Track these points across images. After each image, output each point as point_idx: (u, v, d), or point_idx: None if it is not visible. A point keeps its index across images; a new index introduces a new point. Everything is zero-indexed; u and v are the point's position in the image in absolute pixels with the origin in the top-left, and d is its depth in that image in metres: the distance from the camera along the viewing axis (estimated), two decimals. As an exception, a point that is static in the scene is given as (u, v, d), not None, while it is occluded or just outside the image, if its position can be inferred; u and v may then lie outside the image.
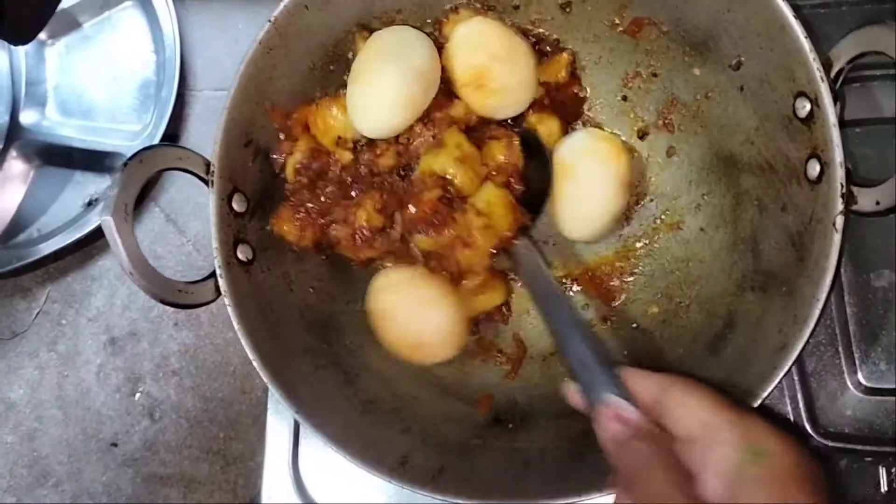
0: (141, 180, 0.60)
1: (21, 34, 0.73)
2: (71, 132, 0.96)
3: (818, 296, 0.56)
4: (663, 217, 0.76)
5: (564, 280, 0.78)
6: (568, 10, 0.74)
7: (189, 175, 0.89)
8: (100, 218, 0.57)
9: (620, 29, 0.74)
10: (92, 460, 0.90)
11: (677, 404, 0.52)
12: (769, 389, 0.57)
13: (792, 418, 0.73)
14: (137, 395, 0.91)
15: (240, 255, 0.66)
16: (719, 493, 0.47)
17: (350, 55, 0.72)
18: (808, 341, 0.57)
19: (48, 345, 0.93)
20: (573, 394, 0.59)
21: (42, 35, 0.97)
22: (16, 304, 0.95)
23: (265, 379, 0.62)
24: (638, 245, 0.77)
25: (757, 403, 0.57)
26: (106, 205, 0.57)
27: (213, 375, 0.90)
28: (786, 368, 0.57)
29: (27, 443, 0.91)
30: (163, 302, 0.60)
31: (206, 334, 0.91)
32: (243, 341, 0.62)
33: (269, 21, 0.65)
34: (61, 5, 0.90)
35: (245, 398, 0.89)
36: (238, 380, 0.90)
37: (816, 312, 0.56)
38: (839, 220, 0.56)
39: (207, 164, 0.65)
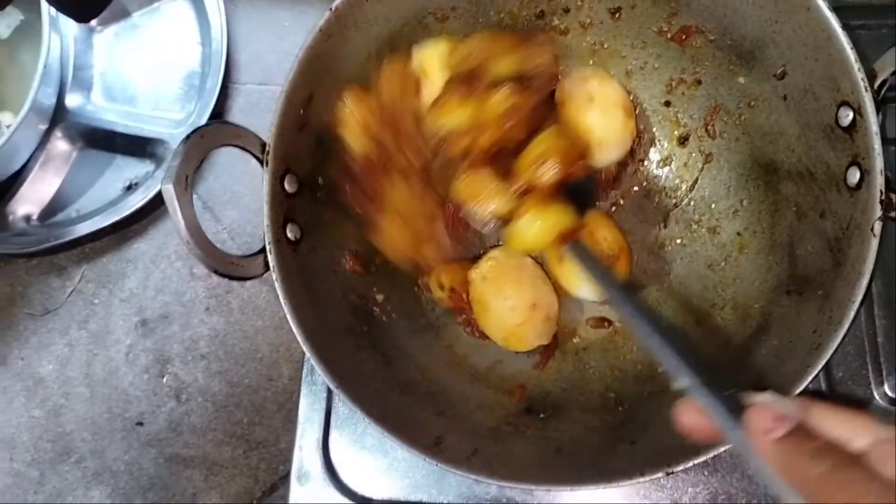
0: (201, 153, 0.61)
1: (85, 11, 0.76)
2: (114, 117, 0.97)
3: (854, 298, 0.58)
4: (701, 220, 0.78)
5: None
6: (617, 15, 0.76)
7: (226, 165, 0.92)
8: (161, 186, 0.58)
9: (668, 36, 0.75)
10: (116, 438, 0.90)
11: (824, 419, 0.42)
12: (802, 387, 0.58)
13: None
14: (165, 377, 0.91)
15: (289, 234, 0.67)
16: None
17: (407, 48, 0.74)
18: (840, 343, 0.58)
19: (80, 323, 0.94)
20: (690, 413, 0.49)
21: (92, 22, 0.98)
22: (51, 281, 0.96)
23: (308, 352, 0.63)
24: (674, 246, 0.78)
25: None
26: (167, 174, 0.58)
27: (241, 361, 0.91)
28: (819, 367, 0.58)
29: (53, 418, 0.92)
30: (215, 272, 0.61)
31: (237, 321, 0.92)
32: (289, 315, 0.63)
33: (330, 9, 0.67)
34: None
35: (271, 385, 0.90)
36: (265, 367, 0.90)
37: (852, 314, 0.57)
38: (877, 225, 0.58)
39: (263, 144, 0.66)
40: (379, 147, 0.70)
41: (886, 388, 0.75)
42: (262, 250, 0.65)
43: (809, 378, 0.58)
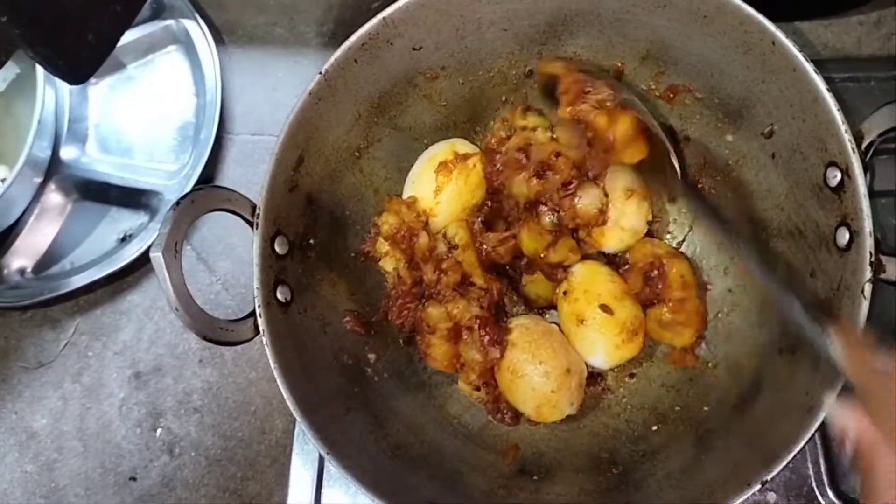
0: (191, 219, 0.62)
1: (77, 75, 0.76)
2: (109, 169, 0.97)
3: None
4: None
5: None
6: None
7: (220, 216, 0.91)
8: (151, 254, 0.58)
9: (656, 94, 0.76)
10: (109, 494, 0.90)
11: None
12: (795, 451, 0.58)
13: (814, 483, 0.74)
14: (158, 430, 0.91)
15: (279, 296, 0.67)
16: None
17: (395, 110, 0.76)
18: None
19: (73, 376, 0.94)
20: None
21: None
22: (44, 334, 0.96)
23: (298, 418, 0.63)
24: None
25: (782, 465, 0.58)
26: (157, 242, 0.58)
27: (234, 415, 0.90)
28: (812, 430, 0.57)
29: (46, 473, 0.91)
30: (205, 338, 0.61)
31: (230, 373, 0.92)
32: (279, 380, 0.63)
33: (320, 73, 0.67)
34: None
35: (264, 439, 0.89)
36: (258, 420, 0.90)
37: (843, 378, 0.57)
38: (867, 288, 0.58)
39: (254, 207, 0.66)
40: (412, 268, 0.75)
41: None
42: (252, 313, 0.65)
43: (803, 441, 0.58)
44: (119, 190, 0.97)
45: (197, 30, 0.98)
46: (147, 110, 1.01)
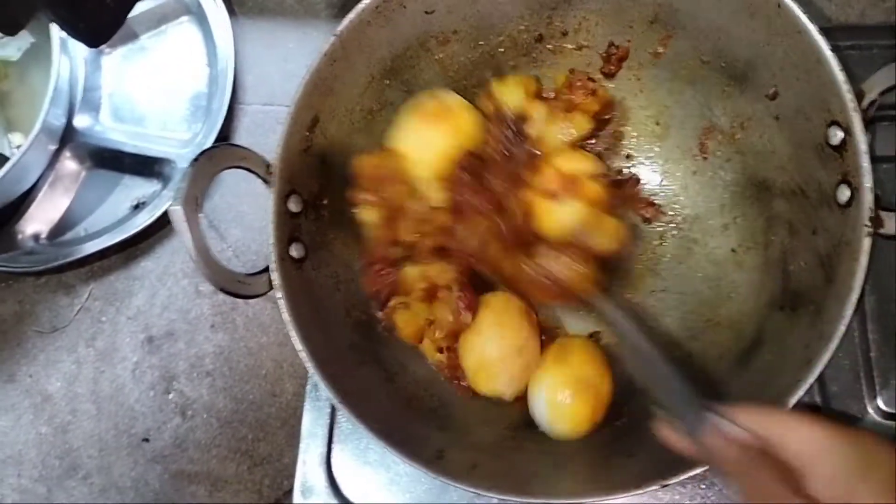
0: (209, 175, 0.63)
1: (96, 38, 0.78)
2: (122, 137, 0.98)
3: (843, 313, 0.59)
4: (696, 237, 0.79)
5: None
6: (613, 40, 0.78)
7: (232, 185, 0.93)
8: (169, 207, 0.59)
9: (663, 59, 0.77)
10: (122, 455, 0.91)
11: (784, 428, 0.51)
12: (793, 401, 0.59)
13: None
14: (171, 393, 0.92)
15: (293, 253, 0.68)
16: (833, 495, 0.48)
17: (407, 74, 0.77)
18: (832, 358, 0.59)
19: (87, 340, 0.95)
20: (665, 428, 0.58)
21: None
22: (58, 299, 0.97)
23: (311, 369, 0.64)
24: (671, 263, 0.80)
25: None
26: (176, 195, 0.59)
27: (245, 378, 0.92)
28: (809, 381, 0.59)
29: (60, 435, 0.93)
30: (223, 290, 0.62)
31: (241, 337, 0.93)
32: (292, 332, 0.64)
33: (335, 34, 0.68)
34: None
35: (275, 401, 0.90)
36: (269, 383, 0.91)
37: (842, 329, 0.58)
38: (866, 242, 0.59)
39: (268, 165, 0.67)
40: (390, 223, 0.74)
41: (880, 401, 0.76)
42: (267, 269, 0.66)
43: (800, 392, 0.59)
44: (132, 158, 0.98)
45: (209, 1, 0.99)
46: (160, 80, 1.01)
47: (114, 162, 0.99)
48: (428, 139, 0.74)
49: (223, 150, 0.65)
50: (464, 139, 0.74)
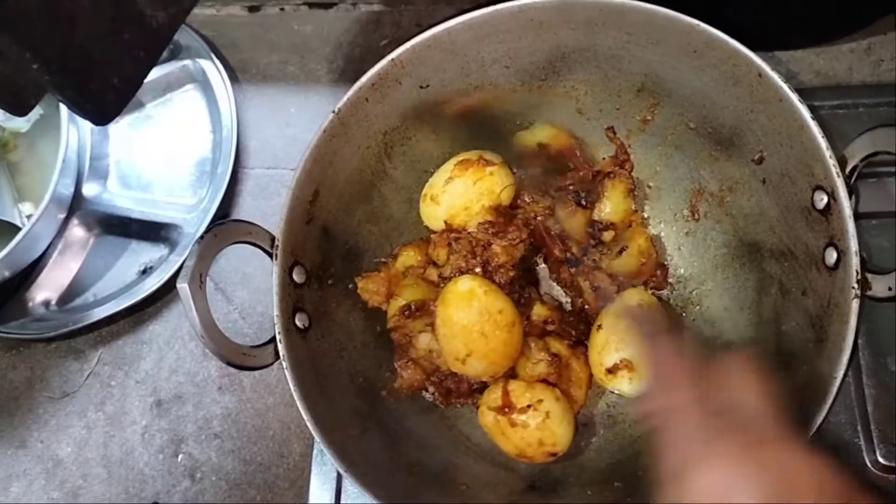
0: (215, 251, 0.65)
1: (102, 116, 0.79)
2: (129, 204, 0.99)
3: (835, 374, 0.60)
4: (691, 298, 0.80)
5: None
6: (603, 106, 0.80)
7: (237, 248, 0.94)
8: (177, 285, 0.61)
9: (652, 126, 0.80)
10: (132, 519, 0.90)
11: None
12: None
13: None
14: (180, 456, 0.92)
15: (297, 323, 0.70)
16: None
17: (405, 145, 0.79)
18: (826, 418, 0.60)
19: (97, 405, 0.95)
20: None
21: None
22: (69, 365, 0.97)
23: (317, 437, 0.65)
24: None
25: None
26: (183, 273, 0.61)
27: (253, 439, 0.91)
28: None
29: (72, 499, 0.92)
30: (229, 364, 0.64)
31: (248, 399, 0.93)
32: (298, 402, 0.65)
33: (334, 112, 0.70)
34: None
35: (283, 462, 0.90)
36: (277, 444, 0.91)
37: (834, 390, 0.60)
38: (854, 304, 0.60)
39: (273, 239, 0.69)
40: None
41: (878, 455, 0.76)
42: (273, 340, 0.67)
43: None
44: (139, 224, 0.98)
45: (213, 69, 1.00)
46: (165, 147, 1.02)
47: (121, 228, 0.99)
48: (458, 182, 0.78)
49: (229, 227, 0.67)
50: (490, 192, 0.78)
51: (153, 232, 0.99)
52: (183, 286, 0.60)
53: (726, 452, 0.47)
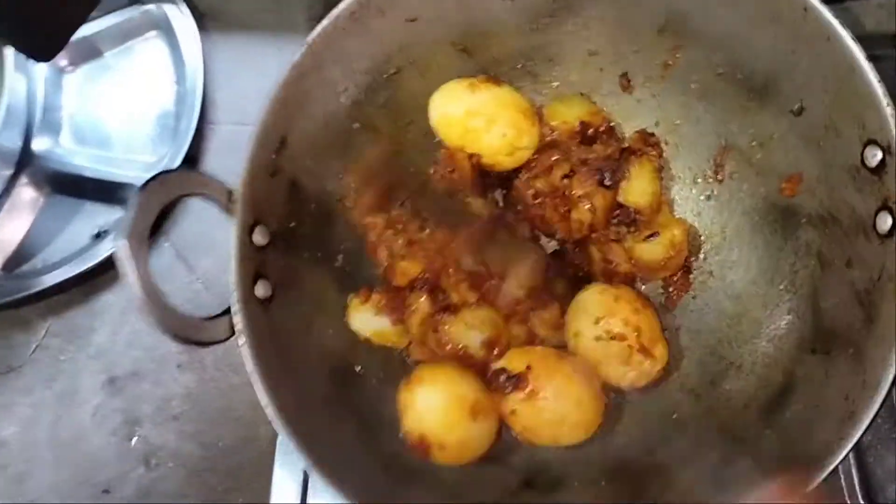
0: (159, 204, 0.57)
1: (43, 51, 0.72)
2: (84, 161, 0.94)
3: (890, 359, 0.53)
4: (713, 270, 0.74)
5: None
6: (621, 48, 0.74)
7: (202, 210, 0.88)
8: (113, 242, 0.53)
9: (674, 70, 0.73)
10: (81, 508, 0.85)
11: None
12: (836, 462, 0.53)
13: (846, 496, 0.69)
14: (134, 439, 0.87)
15: (258, 292, 0.63)
16: None
17: (389, 88, 0.72)
18: (878, 412, 0.53)
19: (45, 381, 0.90)
20: None
21: (61, 62, 0.97)
22: (14, 336, 0.92)
23: (279, 428, 0.58)
24: (685, 299, 0.75)
25: (818, 480, 0.53)
26: (120, 228, 0.53)
27: (216, 422, 0.87)
28: (855, 439, 0.53)
29: (15, 486, 0.87)
30: (174, 338, 0.56)
31: (211, 378, 0.88)
32: (257, 386, 0.59)
33: (305, 44, 0.63)
34: (83, 33, 0.90)
35: (249, 447, 0.85)
36: (242, 427, 0.86)
37: (890, 377, 0.53)
38: (914, 278, 0.53)
39: (230, 193, 0.62)
40: None
41: None
42: (228, 311, 0.60)
43: (844, 452, 0.53)
44: (94, 183, 0.94)
45: (178, 15, 0.95)
46: (125, 99, 0.98)
47: (75, 187, 0.95)
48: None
49: (178, 176, 0.60)
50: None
51: (109, 192, 0.94)
52: (122, 243, 0.53)
53: None
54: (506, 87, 0.72)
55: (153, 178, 0.57)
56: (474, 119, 0.71)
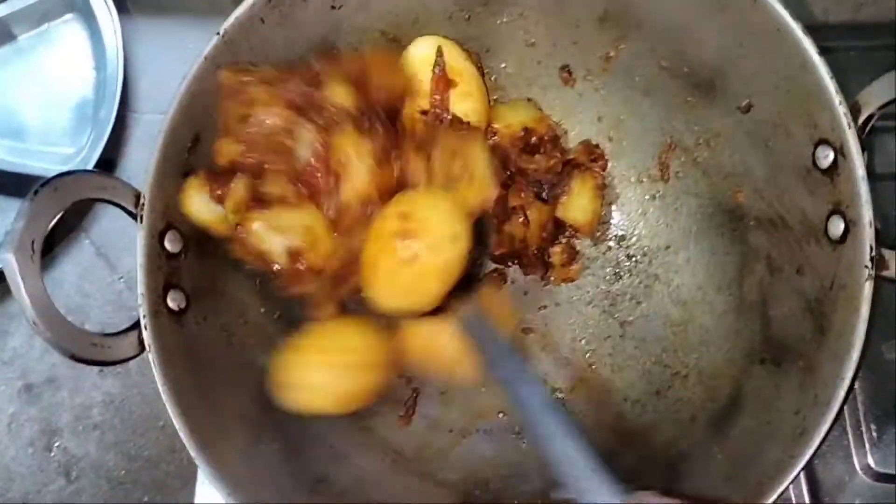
0: (54, 212, 0.52)
1: None
2: None
3: (843, 374, 0.51)
4: (657, 274, 0.73)
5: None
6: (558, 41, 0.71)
7: (123, 203, 0.84)
8: (0, 255, 0.48)
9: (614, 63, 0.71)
10: (-5, 525, 0.83)
11: None
12: (786, 483, 0.51)
13: None
14: (53, 450, 0.84)
15: (170, 303, 0.59)
16: None
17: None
18: (830, 429, 0.51)
19: None
20: None
21: None
22: None
23: (193, 453, 0.54)
24: (628, 304, 0.73)
25: (772, 499, 0.51)
26: (8, 239, 0.49)
27: (140, 431, 0.84)
28: (806, 458, 0.51)
29: None
30: (73, 358, 0.52)
31: (135, 384, 0.85)
32: (168, 406, 0.55)
33: (218, 33, 0.60)
34: None
35: (174, 458, 0.82)
36: (168, 437, 0.83)
37: (841, 394, 0.51)
38: (867, 287, 0.51)
39: (137, 196, 0.58)
40: None
41: (871, 461, 0.69)
42: (136, 325, 0.56)
43: (795, 471, 0.50)
44: (7, 177, 0.89)
45: None
46: (40, 87, 0.93)
47: None
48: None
49: (75, 179, 0.55)
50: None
51: (24, 187, 0.85)
52: (6, 257, 0.49)
53: None
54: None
55: (46, 182, 0.52)
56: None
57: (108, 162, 0.88)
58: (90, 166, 0.84)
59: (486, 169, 0.61)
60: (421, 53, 0.67)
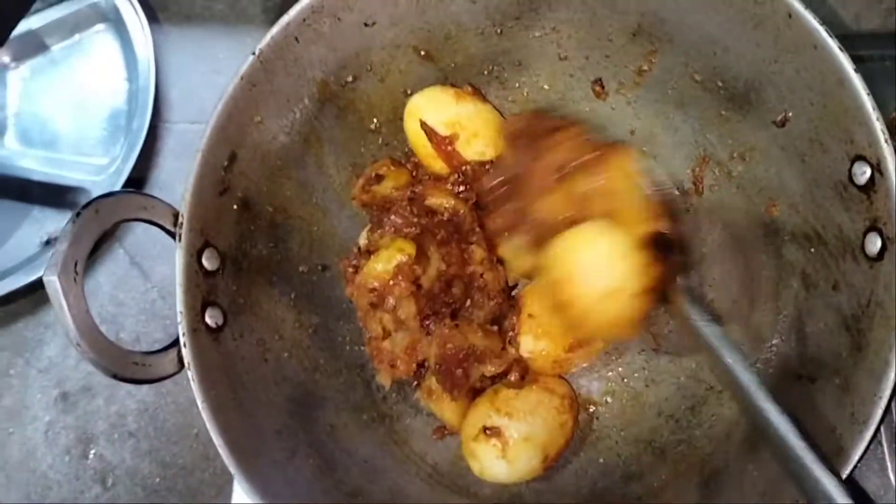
0: (95, 233, 0.53)
1: None
2: (31, 163, 0.92)
3: (880, 392, 0.51)
4: (691, 288, 0.71)
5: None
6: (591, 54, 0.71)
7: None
8: (45, 278, 0.50)
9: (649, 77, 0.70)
10: (34, 531, 0.83)
11: None
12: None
13: None
14: (89, 457, 0.84)
15: (208, 321, 0.59)
16: None
17: (346, 97, 0.69)
18: (868, 448, 0.50)
19: None
20: None
21: (5, 57, 0.94)
22: None
23: (232, 468, 0.55)
24: (662, 318, 0.71)
25: None
26: (52, 261, 0.49)
27: (174, 439, 0.84)
28: (843, 475, 0.51)
29: None
30: (115, 377, 0.53)
31: (168, 392, 0.85)
32: (208, 422, 0.55)
33: (253, 54, 0.60)
34: (28, 26, 0.89)
35: (209, 465, 0.83)
36: (202, 444, 0.83)
37: (879, 412, 0.51)
38: (906, 306, 0.51)
39: (176, 215, 0.58)
40: None
41: None
42: (175, 343, 0.57)
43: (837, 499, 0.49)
44: (42, 187, 0.91)
45: (128, 6, 0.92)
46: (73, 97, 0.94)
47: (21, 192, 0.92)
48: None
49: (116, 201, 0.56)
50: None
51: (58, 197, 0.91)
52: (51, 279, 0.49)
53: None
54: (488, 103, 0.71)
55: (88, 204, 0.53)
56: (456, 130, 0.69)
57: (141, 171, 0.89)
58: (123, 177, 0.85)
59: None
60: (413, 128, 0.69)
